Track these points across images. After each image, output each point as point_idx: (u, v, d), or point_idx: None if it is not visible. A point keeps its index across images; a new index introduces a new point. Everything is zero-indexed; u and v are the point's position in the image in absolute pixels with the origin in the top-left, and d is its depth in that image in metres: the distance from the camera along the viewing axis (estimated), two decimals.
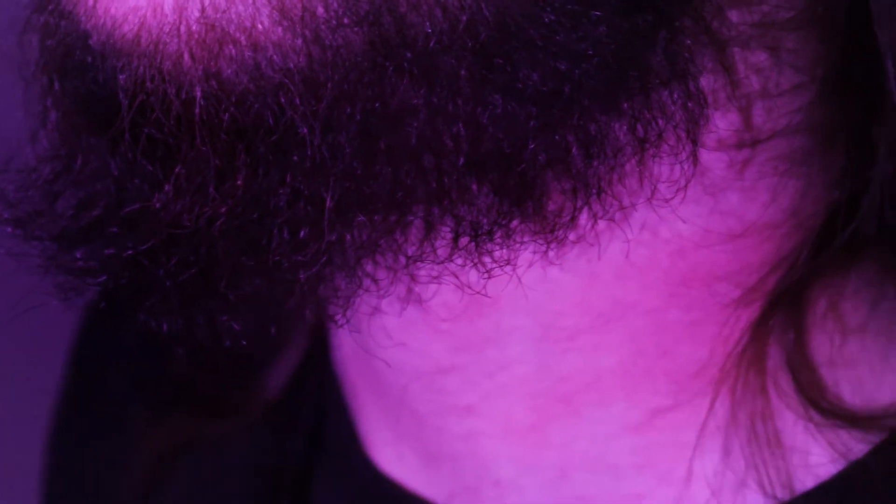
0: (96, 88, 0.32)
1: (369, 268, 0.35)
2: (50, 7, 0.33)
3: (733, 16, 0.34)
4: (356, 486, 0.43)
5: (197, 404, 0.48)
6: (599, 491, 0.38)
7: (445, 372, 0.38)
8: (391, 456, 0.42)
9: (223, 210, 0.32)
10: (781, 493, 0.37)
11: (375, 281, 0.35)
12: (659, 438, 0.38)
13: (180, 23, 0.31)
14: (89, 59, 0.32)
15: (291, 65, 0.31)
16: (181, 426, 0.48)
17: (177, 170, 0.32)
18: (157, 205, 0.33)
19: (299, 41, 0.31)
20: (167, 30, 0.31)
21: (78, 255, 0.34)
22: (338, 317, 0.36)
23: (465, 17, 0.31)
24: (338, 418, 0.44)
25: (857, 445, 0.37)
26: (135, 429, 0.49)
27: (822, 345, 0.37)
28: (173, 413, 0.49)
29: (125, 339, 0.51)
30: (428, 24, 0.31)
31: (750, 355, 0.37)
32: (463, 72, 0.32)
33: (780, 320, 0.37)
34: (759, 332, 0.37)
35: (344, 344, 0.43)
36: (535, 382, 0.38)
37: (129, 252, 0.33)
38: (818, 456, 0.37)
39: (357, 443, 0.43)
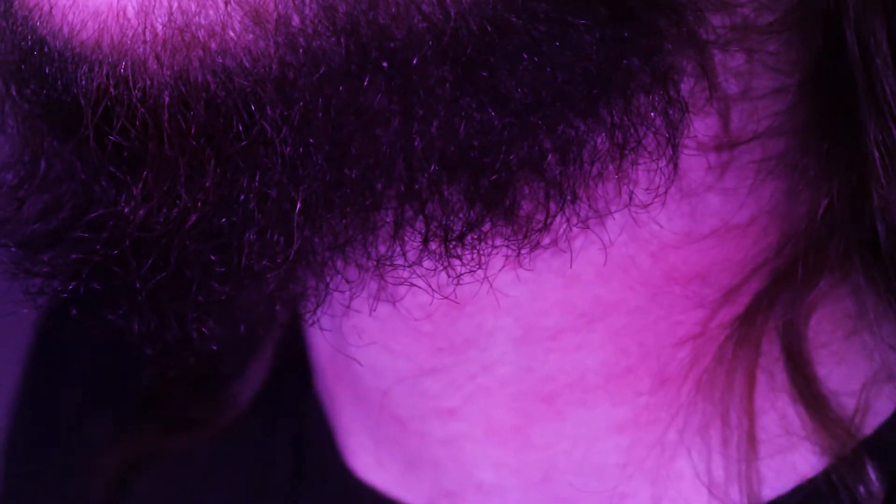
0: (56, 95, 0.32)
1: (339, 266, 0.34)
2: (1, 11, 0.33)
3: (714, 20, 0.34)
4: (334, 494, 0.42)
5: (160, 417, 0.48)
6: (583, 492, 0.38)
7: (428, 374, 0.38)
8: (370, 463, 0.41)
9: (192, 214, 0.32)
10: (764, 493, 0.37)
11: (347, 280, 0.35)
12: (643, 438, 0.38)
13: (145, 27, 0.31)
14: (46, 66, 0.32)
15: (263, 71, 0.31)
16: (144, 439, 0.48)
17: (144, 174, 0.32)
18: (125, 209, 0.32)
19: (272, 49, 0.31)
20: (131, 34, 0.31)
21: (45, 260, 0.34)
22: (309, 316, 0.35)
23: (449, 30, 0.31)
24: (315, 426, 0.44)
25: (842, 446, 0.37)
26: (94, 442, 0.49)
27: (820, 350, 0.38)
28: (136, 426, 0.48)
29: (82, 349, 0.51)
30: (410, 36, 0.31)
31: (737, 355, 0.37)
32: (444, 83, 0.31)
33: (773, 321, 0.37)
34: (748, 332, 0.37)
35: (321, 351, 0.43)
36: (517, 383, 0.38)
37: (98, 256, 0.33)
38: (801, 456, 0.37)
39: (335, 450, 0.42)
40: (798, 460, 0.37)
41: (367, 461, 0.42)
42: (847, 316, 0.38)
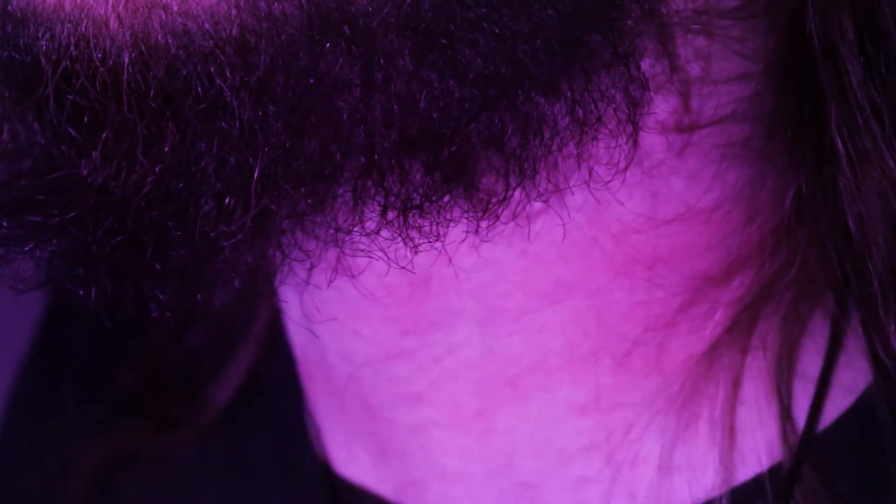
0: (17, 55, 0.32)
1: (298, 237, 0.35)
2: None
3: (676, 0, 0.34)
4: (307, 482, 0.42)
5: (141, 418, 0.48)
6: (545, 476, 0.38)
7: (395, 358, 0.38)
8: (342, 456, 0.41)
9: (150, 177, 0.32)
10: (729, 478, 0.37)
11: (304, 251, 0.35)
12: (605, 420, 0.37)
13: None
14: (9, 25, 0.32)
15: (224, 34, 0.31)
16: (124, 440, 0.48)
17: (104, 136, 0.32)
18: (84, 171, 0.32)
19: (234, 11, 0.31)
20: None
21: (4, 224, 0.34)
22: (267, 287, 0.35)
23: None
24: (291, 422, 0.44)
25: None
26: (79, 442, 0.49)
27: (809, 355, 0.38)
28: (119, 426, 0.48)
29: (76, 352, 0.51)
30: (371, 1, 0.31)
31: (721, 347, 0.37)
32: (404, 51, 0.31)
33: (766, 317, 0.37)
34: (737, 326, 0.37)
35: (297, 346, 0.43)
36: (482, 366, 0.38)
37: (56, 220, 0.33)
38: (769, 441, 0.37)
39: (310, 444, 0.42)
40: (767, 446, 0.37)
41: (339, 455, 0.42)
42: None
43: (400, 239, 0.34)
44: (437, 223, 0.34)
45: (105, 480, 0.48)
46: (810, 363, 0.37)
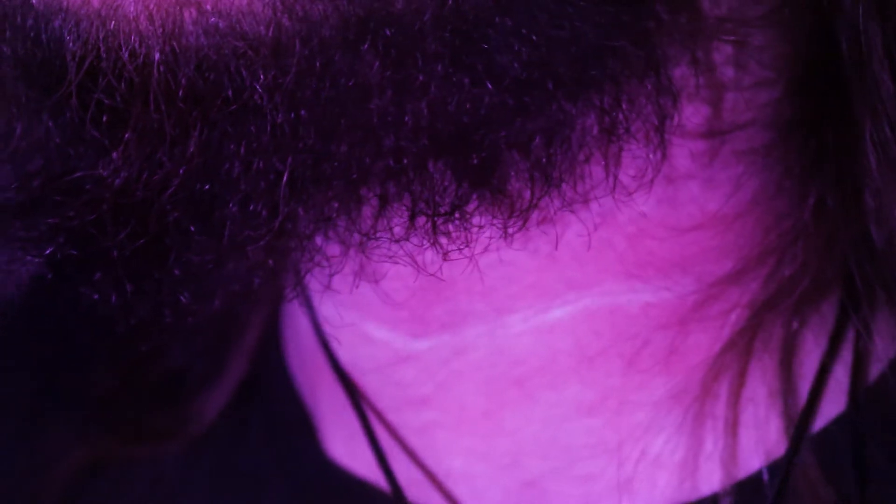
0: (39, 51, 0.31)
1: (321, 241, 0.34)
2: None
3: (704, 9, 0.34)
4: (311, 477, 0.42)
5: (119, 425, 0.46)
6: (549, 474, 0.38)
7: (403, 361, 0.38)
8: (346, 454, 0.41)
9: (174, 180, 0.31)
10: (733, 473, 0.37)
11: (327, 257, 0.34)
12: (612, 418, 0.38)
13: None
14: (30, 20, 0.31)
15: (258, 35, 0.30)
16: (107, 446, 0.46)
17: (126, 136, 0.31)
18: (104, 173, 0.31)
19: (269, 11, 0.30)
20: None
21: (20, 226, 0.33)
22: (289, 292, 0.35)
23: (451, 1, 0.31)
24: (291, 421, 0.43)
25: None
26: (50, 441, 0.47)
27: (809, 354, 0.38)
28: (98, 432, 0.46)
29: (47, 351, 0.49)
30: (410, 3, 0.31)
31: (727, 349, 0.37)
32: (443, 55, 0.31)
33: (776, 316, 0.38)
34: (743, 331, 0.37)
35: (293, 355, 0.43)
36: (489, 367, 0.38)
37: (74, 221, 0.32)
38: (771, 437, 0.37)
39: (313, 437, 0.42)
40: (772, 441, 0.37)
41: (343, 450, 0.41)
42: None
43: (428, 245, 0.33)
44: (466, 229, 0.34)
45: (82, 486, 0.46)
46: (815, 362, 0.38)
